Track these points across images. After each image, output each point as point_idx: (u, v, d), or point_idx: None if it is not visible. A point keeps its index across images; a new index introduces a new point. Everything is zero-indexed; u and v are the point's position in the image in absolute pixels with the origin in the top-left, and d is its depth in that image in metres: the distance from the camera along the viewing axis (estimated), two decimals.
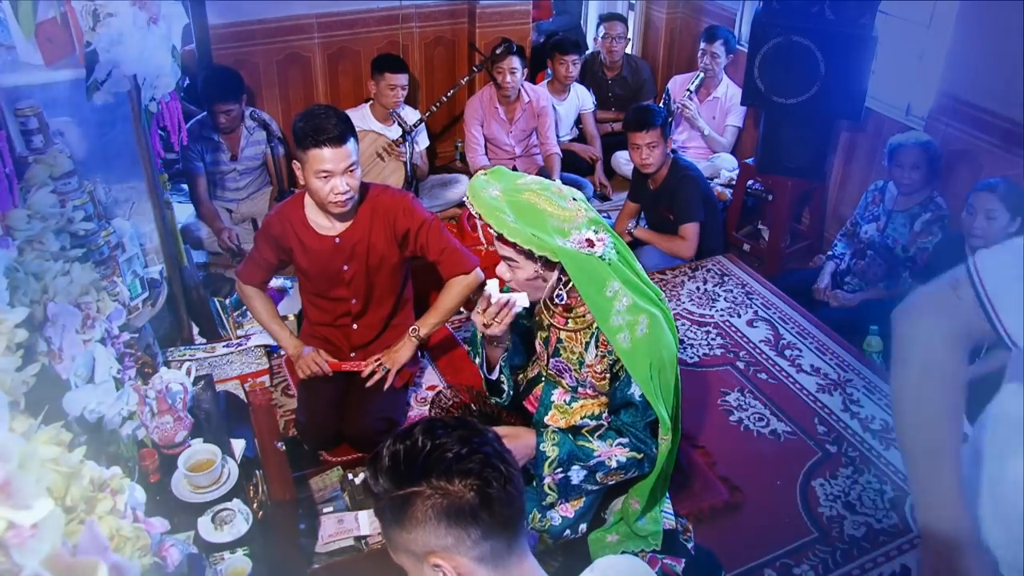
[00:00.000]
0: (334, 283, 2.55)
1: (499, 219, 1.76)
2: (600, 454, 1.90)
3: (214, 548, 1.79)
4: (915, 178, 3.26)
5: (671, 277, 3.65)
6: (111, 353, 1.95)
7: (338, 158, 2.27)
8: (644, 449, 1.91)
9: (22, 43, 2.27)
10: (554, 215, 1.78)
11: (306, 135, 2.26)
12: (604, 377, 1.96)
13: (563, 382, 2.05)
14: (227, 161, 3.88)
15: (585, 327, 1.93)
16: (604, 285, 1.79)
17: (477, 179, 1.85)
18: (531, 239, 1.75)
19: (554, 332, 2.00)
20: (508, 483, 1.11)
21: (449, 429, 1.13)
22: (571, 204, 1.81)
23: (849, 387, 3.01)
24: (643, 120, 3.45)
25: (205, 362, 2.89)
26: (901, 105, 3.73)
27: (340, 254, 2.49)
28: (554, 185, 1.87)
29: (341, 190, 2.31)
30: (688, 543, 2.18)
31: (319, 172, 2.29)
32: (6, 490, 0.96)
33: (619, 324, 1.80)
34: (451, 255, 2.56)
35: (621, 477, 1.95)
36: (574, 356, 1.98)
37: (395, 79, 3.93)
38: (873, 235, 3.42)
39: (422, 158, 4.23)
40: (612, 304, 1.79)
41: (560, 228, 1.77)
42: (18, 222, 1.90)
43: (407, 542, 1.11)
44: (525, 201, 1.79)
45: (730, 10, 4.75)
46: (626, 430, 1.91)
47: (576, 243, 1.77)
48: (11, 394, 1.42)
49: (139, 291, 2.51)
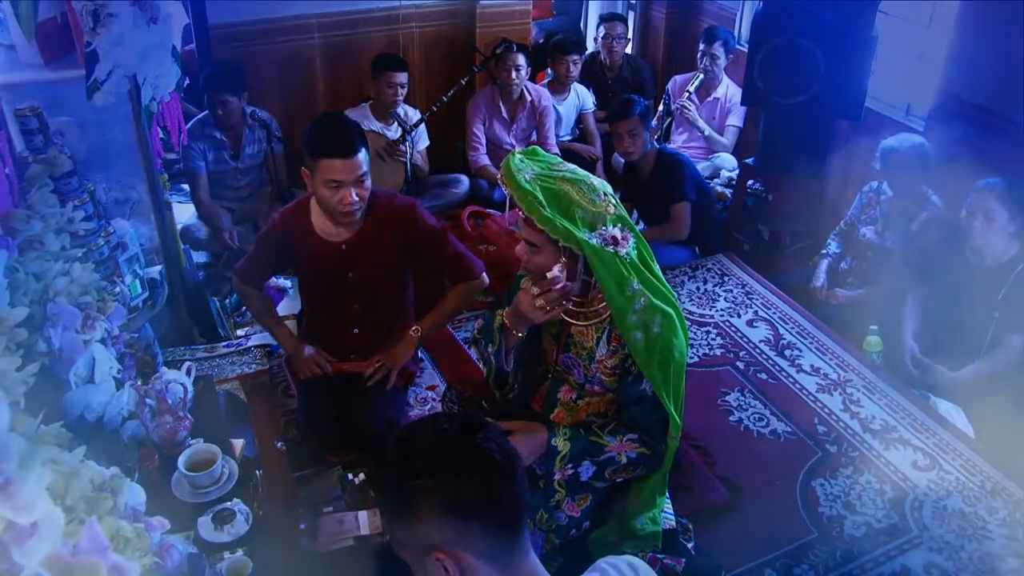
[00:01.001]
0: (338, 289, 2.53)
1: (531, 204, 1.76)
2: (611, 449, 1.91)
3: (214, 548, 1.79)
4: (909, 180, 3.24)
5: (671, 277, 3.65)
6: (111, 353, 1.95)
7: (349, 169, 2.25)
8: (654, 445, 1.92)
9: (22, 43, 2.27)
10: (585, 208, 1.78)
11: (317, 144, 2.24)
12: (614, 373, 1.96)
13: (571, 379, 2.04)
14: (229, 160, 3.88)
15: (597, 321, 1.93)
16: (625, 283, 1.81)
17: (512, 158, 1.85)
18: (559, 229, 1.75)
19: (566, 327, 1.99)
20: (511, 479, 1.11)
21: (454, 424, 1.13)
22: (602, 199, 1.82)
23: (849, 387, 3.01)
24: (622, 109, 3.58)
25: (205, 362, 2.89)
26: (901, 105, 3.73)
27: (346, 261, 2.47)
28: (589, 176, 1.86)
29: (350, 200, 2.29)
30: (688, 543, 2.18)
31: (329, 182, 2.26)
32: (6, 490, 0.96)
33: (635, 323, 1.82)
34: (460, 263, 2.56)
35: (630, 474, 1.95)
36: (584, 351, 1.97)
37: (395, 77, 3.92)
38: (872, 238, 3.41)
39: (423, 157, 4.23)
40: (631, 303, 1.81)
41: (588, 222, 1.78)
42: (18, 222, 1.90)
43: (410, 536, 1.11)
44: (559, 188, 1.79)
45: (730, 10, 4.75)
46: (636, 426, 1.92)
47: (602, 239, 1.78)
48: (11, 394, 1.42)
49: (139, 291, 2.51)
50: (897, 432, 2.80)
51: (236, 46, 3.99)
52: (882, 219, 3.37)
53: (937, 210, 3.24)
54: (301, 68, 4.24)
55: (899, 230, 3.31)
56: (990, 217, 2.80)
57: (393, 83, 3.92)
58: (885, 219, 3.35)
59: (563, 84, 4.56)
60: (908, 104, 3.70)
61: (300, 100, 4.31)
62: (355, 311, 2.58)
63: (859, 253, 3.48)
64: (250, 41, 4.05)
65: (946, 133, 3.40)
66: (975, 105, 3.27)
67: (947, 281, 3.00)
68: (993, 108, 3.20)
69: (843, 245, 3.56)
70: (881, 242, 3.37)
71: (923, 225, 3.25)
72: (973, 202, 2.84)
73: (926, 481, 2.61)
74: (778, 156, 3.80)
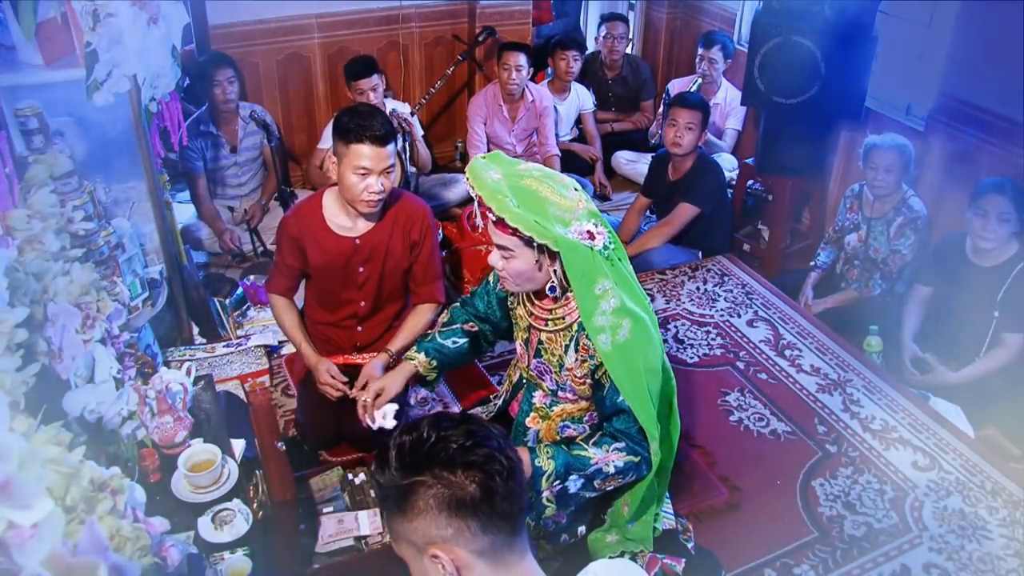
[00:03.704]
0: (347, 285, 2.53)
1: (501, 203, 1.69)
2: (597, 461, 1.86)
3: (214, 548, 1.79)
4: (888, 181, 3.22)
5: (671, 277, 3.65)
6: (111, 353, 1.95)
7: (379, 157, 2.27)
8: (641, 452, 1.88)
9: (22, 43, 2.27)
10: (556, 203, 1.72)
11: (351, 129, 2.25)
12: (584, 382, 1.92)
13: (544, 384, 2.01)
14: (227, 155, 3.89)
15: (564, 328, 1.88)
16: (595, 281, 1.74)
17: (476, 161, 1.80)
18: (534, 226, 1.68)
19: (535, 333, 1.96)
20: (511, 478, 1.12)
21: (455, 423, 1.14)
22: (572, 194, 1.76)
23: (849, 387, 3.01)
24: (691, 100, 3.63)
25: (205, 362, 2.89)
26: (901, 105, 3.72)
27: (358, 256, 2.48)
28: (556, 174, 1.82)
29: (376, 189, 2.30)
30: (688, 543, 2.18)
31: (357, 168, 2.27)
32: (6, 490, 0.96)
33: (602, 325, 1.75)
34: (433, 281, 2.57)
35: (619, 482, 1.92)
36: (555, 358, 1.94)
37: (361, 85, 3.81)
38: (856, 247, 3.41)
39: (422, 144, 4.22)
40: (599, 303, 1.75)
41: (561, 217, 1.71)
42: (18, 222, 1.89)
43: (408, 532, 1.12)
44: (526, 187, 1.73)
45: (730, 10, 4.75)
46: (621, 435, 1.88)
47: (577, 234, 1.71)
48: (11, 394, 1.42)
49: (139, 291, 2.51)
50: (897, 432, 2.80)
51: (236, 46, 3.99)
52: (865, 225, 3.36)
53: (914, 214, 3.23)
54: (301, 68, 4.25)
55: (880, 236, 3.31)
56: (1004, 220, 2.78)
57: (362, 90, 3.81)
58: (868, 225, 3.35)
59: (563, 82, 4.56)
60: (908, 104, 3.70)
61: (300, 100, 4.32)
62: (361, 308, 2.58)
63: (847, 260, 3.49)
64: (250, 41, 4.05)
65: (946, 133, 3.40)
66: (975, 105, 3.27)
67: (947, 281, 3.00)
68: (993, 108, 3.20)
69: (834, 252, 3.57)
70: (865, 251, 3.36)
71: (899, 229, 3.25)
72: (984, 205, 2.81)
73: (926, 481, 2.61)
74: (778, 156, 3.80)
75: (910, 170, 3.25)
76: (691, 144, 3.59)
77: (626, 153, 4.77)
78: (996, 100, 3.17)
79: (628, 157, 4.74)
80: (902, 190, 3.27)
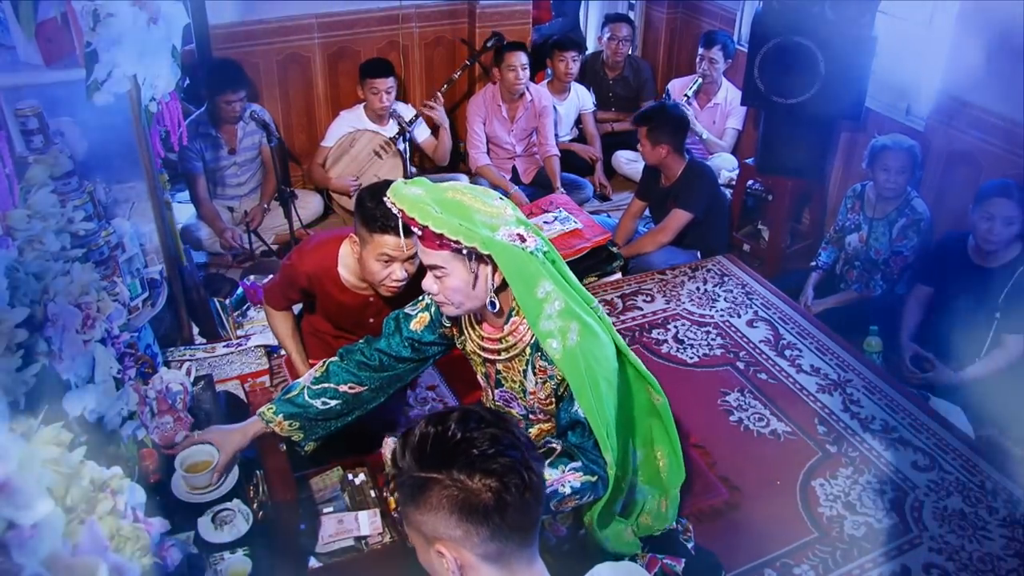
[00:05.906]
0: (355, 327, 2.55)
1: (424, 211, 1.64)
2: (552, 483, 1.77)
3: (214, 548, 1.79)
4: (899, 182, 3.24)
5: (671, 277, 3.65)
6: (111, 353, 1.95)
7: (404, 247, 2.18)
8: (597, 471, 1.81)
9: (22, 43, 2.27)
10: (481, 211, 1.67)
11: (376, 219, 2.15)
12: (550, 403, 1.88)
13: (513, 412, 1.97)
14: (226, 155, 3.89)
15: (518, 354, 1.84)
16: (536, 284, 1.70)
17: (396, 183, 1.74)
18: (459, 228, 1.62)
19: (490, 366, 1.93)
20: (527, 491, 1.11)
21: (484, 424, 1.13)
22: (498, 202, 1.72)
23: (849, 387, 3.01)
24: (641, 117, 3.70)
25: (205, 362, 2.89)
26: (901, 105, 3.72)
27: (371, 308, 2.48)
28: (478, 187, 1.78)
29: (398, 277, 2.25)
30: (688, 543, 2.18)
31: (381, 255, 2.22)
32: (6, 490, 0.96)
33: (550, 329, 1.71)
34: None
35: (577, 502, 1.83)
36: (516, 385, 1.90)
37: (377, 84, 3.94)
38: (858, 247, 3.41)
39: (433, 144, 4.28)
40: (543, 306, 1.70)
41: (488, 223, 1.66)
42: (18, 222, 1.90)
43: (419, 522, 1.13)
44: (450, 198, 1.68)
45: (730, 10, 4.75)
46: (576, 453, 1.81)
47: (507, 236, 1.68)
48: (11, 394, 1.42)
49: (139, 291, 2.51)
50: (897, 432, 2.80)
51: (236, 46, 4.00)
52: (867, 226, 3.36)
53: (918, 216, 3.23)
54: (301, 68, 4.25)
55: (882, 238, 3.31)
56: (1011, 223, 2.78)
57: (377, 90, 3.93)
58: (870, 226, 3.35)
59: (562, 82, 4.56)
60: (908, 104, 3.70)
61: (300, 100, 4.32)
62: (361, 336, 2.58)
63: (848, 261, 3.49)
64: (250, 41, 4.05)
65: (946, 133, 3.40)
66: (975, 105, 3.27)
67: (948, 281, 3.00)
68: (993, 108, 3.20)
69: (835, 252, 3.58)
70: (867, 252, 3.37)
71: (901, 231, 3.25)
72: (991, 209, 2.81)
73: (926, 481, 2.61)
74: (778, 156, 3.80)
75: (917, 170, 3.26)
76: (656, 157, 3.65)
77: (626, 153, 4.76)
78: (996, 100, 3.18)
79: (628, 157, 4.74)
80: (906, 191, 3.27)
